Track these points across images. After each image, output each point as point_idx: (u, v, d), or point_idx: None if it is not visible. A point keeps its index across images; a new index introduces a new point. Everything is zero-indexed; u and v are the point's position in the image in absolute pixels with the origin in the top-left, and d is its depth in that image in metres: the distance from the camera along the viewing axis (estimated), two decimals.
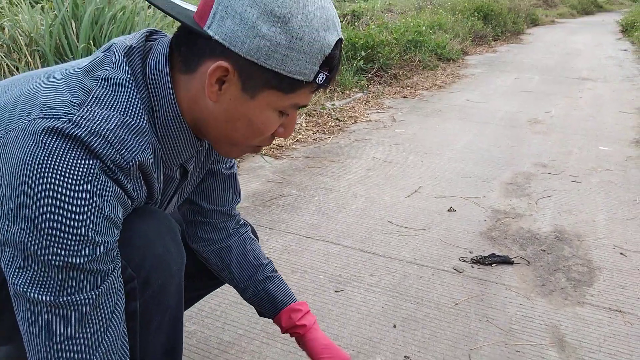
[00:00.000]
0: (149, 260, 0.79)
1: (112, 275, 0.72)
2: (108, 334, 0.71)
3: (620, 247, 2.14)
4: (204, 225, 1.15)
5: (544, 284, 1.87)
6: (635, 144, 3.57)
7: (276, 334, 1.54)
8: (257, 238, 1.27)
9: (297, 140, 3.43)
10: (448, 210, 2.46)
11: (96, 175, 0.69)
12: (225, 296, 1.70)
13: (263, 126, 0.80)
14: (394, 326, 1.60)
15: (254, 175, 2.83)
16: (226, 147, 0.85)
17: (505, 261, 1.98)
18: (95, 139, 0.70)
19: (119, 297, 0.73)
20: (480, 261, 1.98)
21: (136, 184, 0.77)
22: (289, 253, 2.02)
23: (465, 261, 2.00)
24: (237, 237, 1.19)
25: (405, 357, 1.47)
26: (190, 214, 1.15)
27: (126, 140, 0.74)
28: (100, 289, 0.70)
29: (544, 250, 2.10)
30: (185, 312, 1.55)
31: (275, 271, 1.22)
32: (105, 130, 0.71)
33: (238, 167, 2.92)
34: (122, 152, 0.73)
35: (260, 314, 1.24)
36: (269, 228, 2.22)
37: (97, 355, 0.70)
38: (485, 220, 2.37)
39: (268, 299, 1.18)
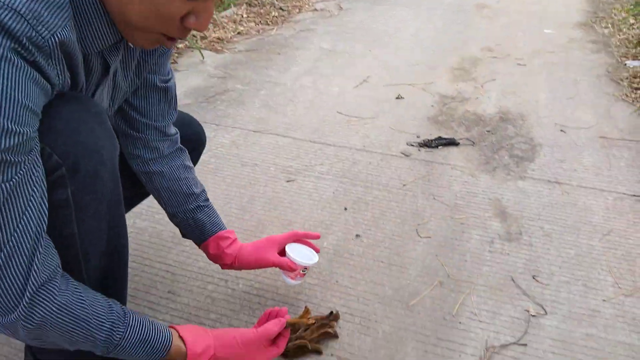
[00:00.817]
0: (75, 146, 0.74)
1: (26, 167, 0.66)
2: (20, 226, 0.67)
3: (560, 125, 2.22)
4: (136, 141, 1.09)
5: (488, 162, 1.93)
6: (579, 27, 3.60)
7: (230, 224, 1.54)
8: (195, 160, 1.24)
9: (238, 33, 3.26)
10: (396, 98, 2.45)
11: (10, 59, 0.62)
12: None
13: (161, 5, 0.71)
14: (345, 209, 1.63)
15: (194, 70, 2.70)
16: (128, 31, 0.77)
17: (451, 143, 2.02)
18: (7, 12, 0.62)
19: (34, 189, 0.68)
20: (427, 144, 2.01)
21: (57, 68, 0.70)
22: (237, 147, 1.99)
23: (413, 145, 2.02)
24: (171, 162, 1.13)
25: (356, 235, 1.51)
26: (123, 126, 1.07)
27: (42, 15, 0.65)
28: (12, 182, 0.65)
29: (489, 131, 2.15)
30: (133, 210, 1.53)
31: (207, 200, 1.18)
32: (18, 3, 0.63)
33: (176, 62, 2.78)
34: (39, 28, 0.65)
35: (184, 235, 1.21)
36: (215, 124, 2.16)
37: (7, 249, 0.66)
38: (432, 106, 2.38)
39: (196, 226, 1.16)
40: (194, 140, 1.28)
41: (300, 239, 1.24)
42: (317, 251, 1.24)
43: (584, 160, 1.94)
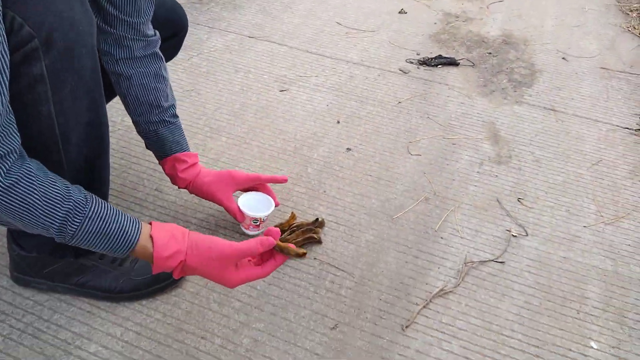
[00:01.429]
0: (49, 16, 0.69)
1: None
2: None
3: (563, 52, 2.16)
4: (107, 37, 1.01)
5: (486, 84, 1.89)
6: None
7: (220, 129, 1.53)
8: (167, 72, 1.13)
9: None
10: (399, 12, 2.35)
11: None
12: None
13: None
14: (338, 122, 1.61)
15: None
16: None
17: (451, 62, 1.97)
18: None
19: None
20: (426, 62, 1.96)
21: None
22: (230, 52, 1.92)
23: (412, 62, 1.97)
24: (142, 68, 1.06)
25: (347, 149, 1.50)
26: (97, 18, 0.97)
27: None
28: None
29: (490, 53, 2.09)
30: (122, 108, 1.49)
31: (176, 116, 1.13)
32: None
33: None
34: None
35: (147, 147, 1.16)
36: (208, 27, 2.08)
37: None
38: (435, 23, 2.30)
39: (157, 141, 1.11)
40: (174, 23, 1.20)
41: (263, 184, 1.20)
42: (277, 204, 1.20)
43: (582, 90, 1.91)
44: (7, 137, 0.67)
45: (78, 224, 0.73)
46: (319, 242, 1.18)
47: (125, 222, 0.77)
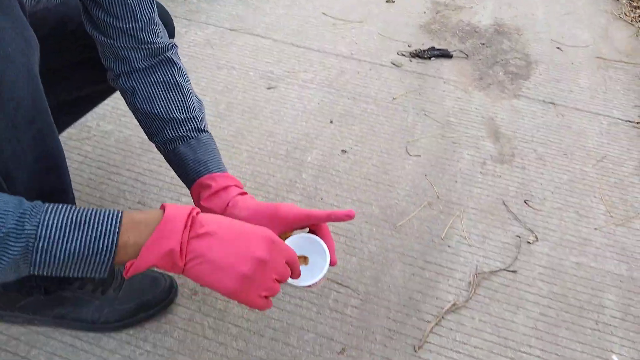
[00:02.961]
0: None
1: None
2: None
3: (557, 42, 2.10)
4: (105, 49, 0.86)
5: (482, 77, 1.81)
6: None
7: None
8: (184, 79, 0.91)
9: None
10: (386, 2, 2.26)
11: None
12: None
13: None
14: (331, 122, 1.52)
15: None
16: None
17: (444, 55, 1.89)
18: None
19: None
20: (419, 55, 1.87)
21: None
22: (212, 47, 1.81)
23: (404, 55, 1.88)
24: (147, 78, 0.87)
25: (342, 150, 1.41)
26: (92, 30, 0.85)
27: None
28: None
29: (484, 44, 2.01)
30: (98, 111, 1.38)
31: (199, 131, 0.88)
32: None
33: None
34: None
35: (178, 175, 0.92)
36: (187, 19, 1.96)
37: None
38: (425, 12, 2.21)
39: (178, 163, 0.87)
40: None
41: (321, 224, 0.80)
42: (333, 263, 0.78)
43: (581, 81, 1.85)
44: None
45: (38, 219, 0.54)
46: None
47: (101, 210, 0.58)
